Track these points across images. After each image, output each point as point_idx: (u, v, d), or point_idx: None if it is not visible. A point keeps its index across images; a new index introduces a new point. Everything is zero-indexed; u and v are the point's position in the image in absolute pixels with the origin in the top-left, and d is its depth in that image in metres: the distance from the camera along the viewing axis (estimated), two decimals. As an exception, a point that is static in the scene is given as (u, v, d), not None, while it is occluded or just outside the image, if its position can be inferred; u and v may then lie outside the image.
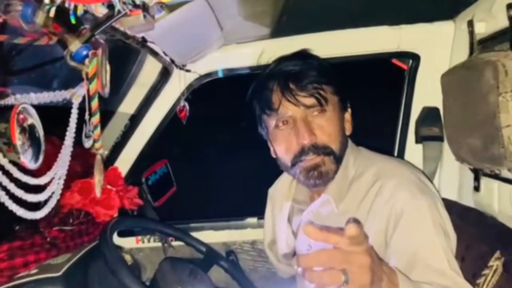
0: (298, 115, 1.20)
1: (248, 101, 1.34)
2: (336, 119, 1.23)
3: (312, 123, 1.20)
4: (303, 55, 1.35)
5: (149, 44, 1.27)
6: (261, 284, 1.76)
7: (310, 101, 1.19)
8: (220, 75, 1.68)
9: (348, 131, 1.31)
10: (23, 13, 0.80)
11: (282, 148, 1.24)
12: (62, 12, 0.77)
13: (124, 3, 0.68)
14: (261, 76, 1.33)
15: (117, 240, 1.77)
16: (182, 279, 1.30)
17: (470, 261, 1.15)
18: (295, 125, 1.20)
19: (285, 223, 1.44)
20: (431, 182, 1.39)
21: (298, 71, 1.23)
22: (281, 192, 1.47)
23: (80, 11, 0.67)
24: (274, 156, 1.33)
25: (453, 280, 1.03)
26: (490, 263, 1.07)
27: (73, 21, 0.71)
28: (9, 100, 0.94)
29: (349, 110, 1.33)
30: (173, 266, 1.35)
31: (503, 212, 1.20)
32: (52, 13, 0.71)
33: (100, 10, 0.77)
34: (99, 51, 0.81)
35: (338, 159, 1.23)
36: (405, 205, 1.10)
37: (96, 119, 0.88)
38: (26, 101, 0.95)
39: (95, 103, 0.85)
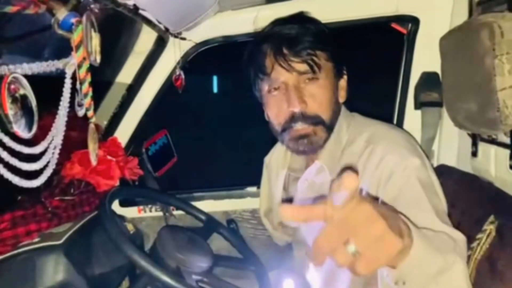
0: (290, 81, 1.18)
1: (243, 63, 1.32)
2: (329, 86, 1.22)
3: (304, 90, 1.18)
4: (299, 19, 1.32)
5: (141, 12, 1.25)
6: (261, 251, 1.78)
7: (303, 67, 1.17)
8: (216, 42, 1.66)
9: (342, 98, 1.30)
10: (8, -19, 0.80)
11: (273, 113, 1.24)
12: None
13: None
14: (256, 39, 1.31)
15: (119, 209, 1.80)
16: (181, 245, 1.33)
17: (465, 226, 1.15)
18: (287, 92, 1.19)
19: (281, 191, 1.45)
20: (426, 147, 1.39)
21: (293, 36, 1.20)
22: (277, 161, 1.48)
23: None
24: (266, 119, 1.32)
25: (444, 230, 1.01)
26: (484, 227, 1.08)
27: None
28: (1, 71, 0.94)
29: (345, 77, 1.31)
30: (172, 233, 1.37)
31: (499, 177, 1.20)
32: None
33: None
34: (84, 19, 0.80)
35: (329, 128, 1.23)
36: (394, 167, 1.10)
37: (85, 87, 0.88)
38: (18, 71, 0.95)
39: (83, 72, 0.85)
